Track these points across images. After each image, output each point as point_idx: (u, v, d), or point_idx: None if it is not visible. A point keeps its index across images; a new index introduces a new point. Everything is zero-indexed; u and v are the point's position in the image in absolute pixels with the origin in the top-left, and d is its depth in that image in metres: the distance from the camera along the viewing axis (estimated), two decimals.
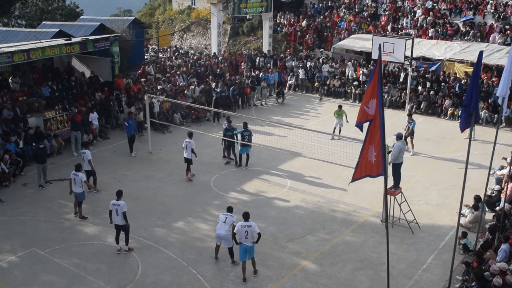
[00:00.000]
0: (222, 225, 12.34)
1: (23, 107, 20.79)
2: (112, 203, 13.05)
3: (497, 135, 12.28)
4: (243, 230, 11.87)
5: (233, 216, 12.46)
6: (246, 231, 11.85)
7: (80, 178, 14.80)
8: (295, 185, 17.35)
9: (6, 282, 12.01)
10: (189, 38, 41.82)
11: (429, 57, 27.88)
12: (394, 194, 14.35)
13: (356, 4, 36.60)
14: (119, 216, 12.92)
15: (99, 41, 23.11)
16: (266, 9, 33.95)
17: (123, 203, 12.96)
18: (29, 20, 42.46)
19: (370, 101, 8.72)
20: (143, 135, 21.87)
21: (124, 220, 12.95)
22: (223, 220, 12.37)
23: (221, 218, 12.46)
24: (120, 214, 12.89)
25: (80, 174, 14.91)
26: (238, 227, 11.96)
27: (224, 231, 12.32)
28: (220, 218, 12.54)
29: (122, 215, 12.89)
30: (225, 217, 12.42)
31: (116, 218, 13.03)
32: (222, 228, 12.35)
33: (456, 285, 11.59)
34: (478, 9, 31.30)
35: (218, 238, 12.58)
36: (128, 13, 58.04)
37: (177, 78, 27.14)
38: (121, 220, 12.96)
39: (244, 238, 11.85)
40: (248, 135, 18.26)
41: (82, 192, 14.93)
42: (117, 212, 12.93)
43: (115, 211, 12.95)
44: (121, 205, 12.91)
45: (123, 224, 13.00)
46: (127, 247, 13.26)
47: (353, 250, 13.39)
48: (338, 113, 21.57)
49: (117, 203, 12.96)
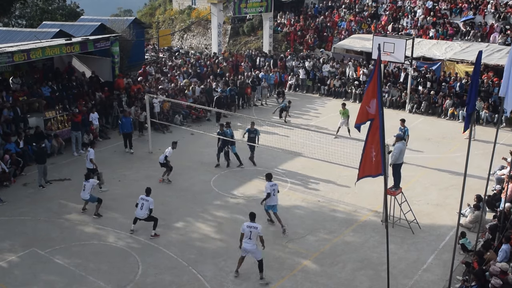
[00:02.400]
0: (248, 241, 11.85)
1: (23, 107, 20.79)
2: (141, 197, 13.98)
3: (497, 135, 12.27)
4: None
5: (257, 228, 11.92)
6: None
7: (91, 184, 15.15)
8: (296, 185, 17.35)
9: (7, 282, 12.01)
10: (189, 38, 41.83)
11: (429, 57, 27.89)
12: (395, 194, 14.35)
13: (356, 4, 36.59)
14: (142, 210, 13.84)
15: (99, 41, 23.11)
16: (266, 9, 33.96)
17: (151, 200, 13.94)
18: (29, 20, 42.47)
19: (371, 101, 8.74)
20: (144, 135, 21.88)
21: (146, 214, 13.86)
22: (248, 236, 11.83)
23: (246, 233, 11.85)
24: (145, 209, 13.81)
25: (91, 180, 15.23)
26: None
27: (251, 245, 11.86)
28: (245, 231, 11.88)
29: (146, 210, 13.81)
30: (250, 231, 11.83)
31: (138, 211, 13.90)
32: (249, 242, 11.87)
33: (456, 285, 11.58)
34: (478, 9, 31.28)
35: (244, 251, 12.03)
36: (128, 13, 58.00)
37: (178, 78, 27.14)
38: (143, 214, 13.85)
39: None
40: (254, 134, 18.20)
41: (90, 197, 15.15)
42: (142, 206, 13.82)
43: (141, 204, 13.85)
44: (150, 201, 13.89)
45: (143, 218, 13.93)
46: (153, 232, 14.02)
47: (353, 250, 13.39)
48: (343, 112, 21.50)
49: (145, 198, 13.92)
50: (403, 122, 18.94)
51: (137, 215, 13.95)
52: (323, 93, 29.10)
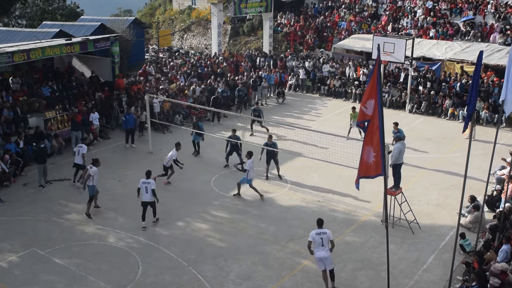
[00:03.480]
0: (322, 248, 11.25)
1: (23, 107, 20.79)
2: (142, 181, 14.23)
3: (497, 135, 12.26)
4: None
5: (327, 233, 11.37)
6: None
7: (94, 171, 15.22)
8: (296, 185, 17.35)
9: (7, 282, 12.01)
10: (189, 38, 41.83)
11: (429, 57, 27.88)
12: (395, 194, 14.34)
13: (356, 4, 36.59)
14: (148, 193, 14.14)
15: (99, 41, 23.11)
16: (266, 9, 33.96)
17: (153, 181, 14.27)
18: (30, 20, 42.48)
19: (368, 101, 8.70)
20: (144, 135, 21.88)
21: (153, 197, 14.20)
22: (320, 244, 11.24)
23: (317, 241, 11.25)
24: (150, 192, 14.10)
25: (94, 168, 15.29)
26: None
27: (325, 252, 11.27)
28: (315, 239, 11.27)
29: (151, 192, 14.09)
30: (321, 238, 11.23)
31: (145, 195, 14.20)
32: (322, 249, 11.27)
33: (456, 285, 11.58)
34: (478, 9, 31.27)
35: (320, 261, 11.37)
36: (128, 13, 57.97)
37: (178, 78, 27.13)
38: (150, 197, 14.17)
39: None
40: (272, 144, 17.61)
41: (92, 186, 15.13)
42: (147, 190, 14.12)
43: (145, 188, 14.13)
44: (151, 183, 14.18)
45: (152, 201, 14.26)
46: (155, 218, 14.58)
47: (354, 250, 13.38)
48: (353, 116, 21.06)
49: (147, 181, 14.17)
50: (396, 125, 17.98)
51: (144, 199, 14.24)
52: (323, 93, 29.09)
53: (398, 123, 18.31)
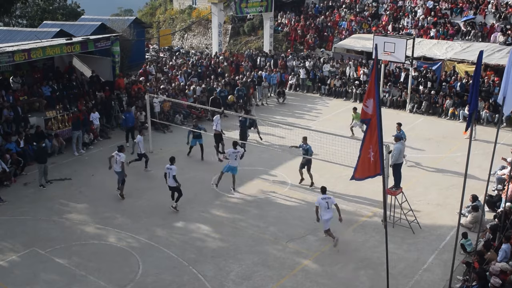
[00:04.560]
0: (327, 211, 13.18)
1: (24, 107, 20.80)
2: (167, 167, 14.87)
3: (497, 134, 12.26)
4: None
5: (331, 198, 13.43)
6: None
7: (121, 159, 15.64)
8: (296, 184, 17.34)
9: (7, 281, 12.02)
10: (190, 37, 41.83)
11: (430, 56, 27.85)
12: (395, 194, 14.34)
13: (357, 4, 36.58)
14: (170, 178, 14.72)
15: (100, 41, 23.09)
16: (266, 8, 33.94)
17: (174, 168, 14.77)
18: (30, 19, 42.53)
19: (368, 100, 8.75)
20: (144, 135, 21.84)
21: (175, 182, 14.74)
22: (326, 207, 13.18)
23: (323, 205, 13.18)
24: (171, 177, 14.64)
25: (121, 154, 15.70)
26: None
27: (330, 214, 13.25)
28: (321, 204, 13.20)
29: (172, 178, 14.62)
30: (326, 202, 13.21)
31: (168, 180, 14.85)
32: (327, 212, 13.22)
33: (456, 285, 11.58)
34: (479, 8, 31.24)
35: (326, 222, 13.26)
36: (129, 12, 58.04)
37: (178, 77, 27.12)
38: (172, 182, 14.73)
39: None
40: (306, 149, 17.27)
41: (121, 171, 15.76)
42: (169, 175, 14.69)
43: (168, 174, 14.74)
44: (173, 169, 14.70)
45: (175, 186, 14.80)
46: (175, 204, 15.07)
47: (354, 250, 13.38)
48: (355, 116, 20.96)
49: (169, 167, 14.75)
50: (400, 126, 17.85)
51: (169, 184, 14.88)
52: (324, 93, 29.08)
53: (401, 123, 18.16)
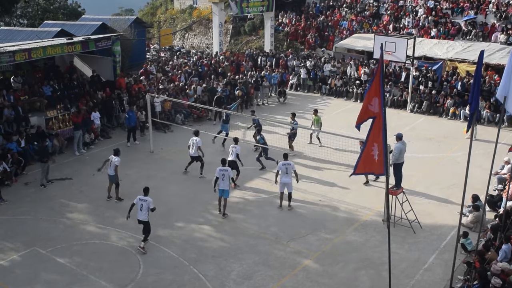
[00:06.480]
0: (286, 175, 14.97)
1: (24, 106, 20.80)
2: (139, 198, 13.21)
3: (498, 134, 12.23)
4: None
5: (291, 164, 15.12)
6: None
7: (115, 162, 15.50)
8: (297, 184, 17.30)
9: (8, 281, 12.02)
10: (190, 37, 41.82)
11: (431, 56, 27.84)
12: (396, 193, 14.34)
13: (357, 4, 36.56)
14: (142, 211, 13.07)
15: (100, 41, 23.08)
16: (267, 8, 33.95)
17: (150, 200, 13.15)
18: (31, 19, 42.58)
19: (373, 99, 8.74)
20: (145, 134, 21.89)
21: (146, 217, 13.12)
22: (285, 172, 14.95)
23: (283, 170, 14.97)
24: (145, 210, 13.04)
25: (116, 158, 15.61)
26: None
27: (288, 179, 15.06)
28: (281, 169, 15.00)
29: (147, 211, 13.05)
30: (286, 168, 14.98)
31: (139, 213, 13.15)
32: (286, 177, 15.02)
33: (457, 284, 11.57)
34: (480, 8, 31.23)
35: (283, 185, 15.12)
36: (129, 12, 58.04)
37: (179, 77, 27.12)
38: (144, 215, 13.10)
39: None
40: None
41: (113, 175, 15.65)
42: (142, 207, 13.06)
43: (140, 206, 13.08)
44: (148, 201, 13.10)
45: (145, 220, 13.15)
46: (142, 244, 13.24)
47: (355, 250, 13.37)
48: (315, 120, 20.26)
49: (144, 199, 13.14)
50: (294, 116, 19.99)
51: (138, 217, 13.21)
52: (325, 93, 29.08)
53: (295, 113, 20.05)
